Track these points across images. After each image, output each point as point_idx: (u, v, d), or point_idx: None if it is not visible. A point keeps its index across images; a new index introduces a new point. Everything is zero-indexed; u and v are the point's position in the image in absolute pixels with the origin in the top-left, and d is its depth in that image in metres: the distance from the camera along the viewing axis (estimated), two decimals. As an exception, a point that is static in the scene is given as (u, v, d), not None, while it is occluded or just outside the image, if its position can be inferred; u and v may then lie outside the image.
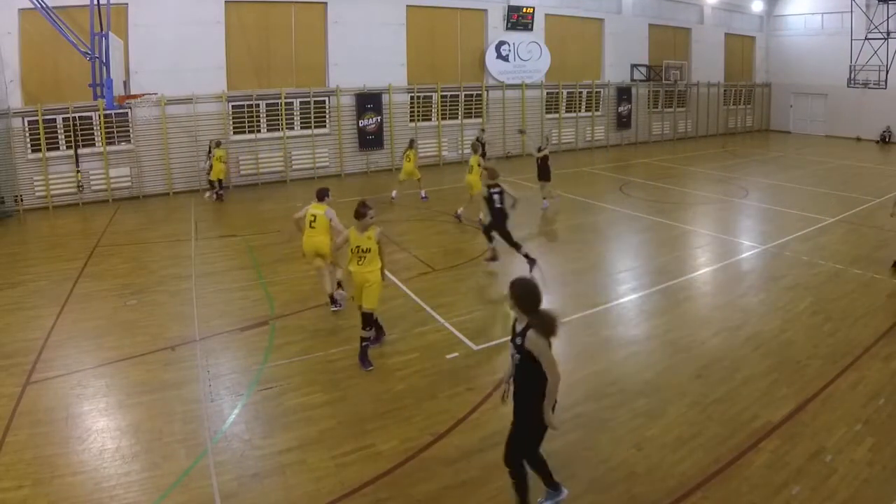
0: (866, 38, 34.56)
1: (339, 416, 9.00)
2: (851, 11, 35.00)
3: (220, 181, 24.39)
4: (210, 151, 24.93)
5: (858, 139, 41.11)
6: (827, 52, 41.94)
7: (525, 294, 6.40)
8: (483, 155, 23.65)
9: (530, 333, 6.25)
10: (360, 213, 10.26)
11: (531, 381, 6.41)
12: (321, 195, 12.83)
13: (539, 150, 21.58)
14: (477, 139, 24.45)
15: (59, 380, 10.20)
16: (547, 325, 6.24)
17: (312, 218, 12.69)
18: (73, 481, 7.58)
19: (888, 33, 34.03)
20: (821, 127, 44.10)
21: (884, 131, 39.96)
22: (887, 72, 34.35)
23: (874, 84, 35.43)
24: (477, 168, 19.07)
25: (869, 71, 35.40)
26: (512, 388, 6.73)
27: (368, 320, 10.43)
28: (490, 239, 14.99)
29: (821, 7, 43.39)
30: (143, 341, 11.60)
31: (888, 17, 34.02)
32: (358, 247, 10.23)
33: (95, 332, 12.21)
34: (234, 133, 27.56)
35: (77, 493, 7.37)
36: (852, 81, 36.36)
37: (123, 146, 25.37)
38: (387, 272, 10.88)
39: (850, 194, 23.48)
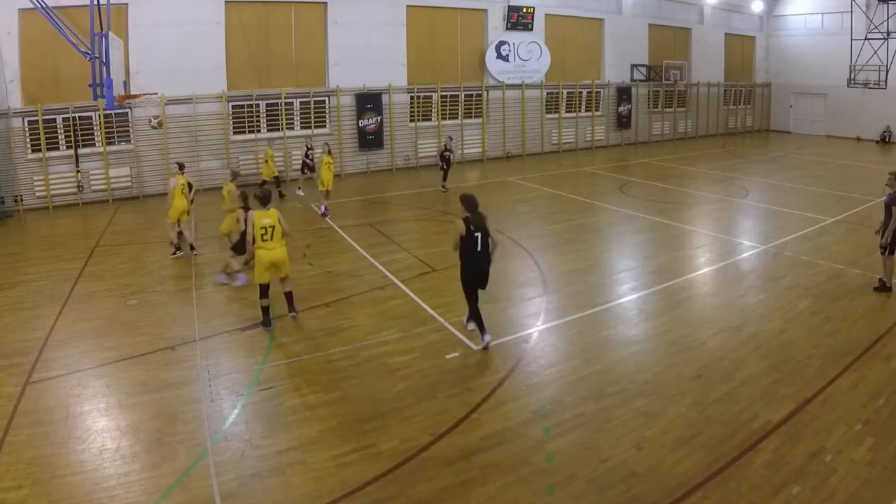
0: (866, 39, 34.62)
1: (338, 415, 9.03)
2: (851, 11, 35.06)
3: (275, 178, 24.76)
4: (310, 149, 25.71)
5: (858, 139, 41.13)
6: (827, 52, 42.03)
7: (469, 201, 10.76)
8: (448, 163, 25.62)
9: (488, 221, 10.92)
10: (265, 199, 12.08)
11: (489, 246, 10.83)
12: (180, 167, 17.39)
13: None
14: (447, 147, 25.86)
15: (60, 380, 10.24)
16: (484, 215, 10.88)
17: (183, 187, 16.71)
18: (73, 481, 7.60)
19: (888, 33, 34.07)
20: (821, 127, 44.15)
21: (884, 131, 39.98)
22: (887, 72, 34.40)
23: (874, 84, 35.51)
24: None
25: (869, 71, 35.48)
26: (474, 259, 10.83)
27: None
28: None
29: (821, 7, 43.50)
30: (143, 341, 11.64)
31: (888, 17, 34.07)
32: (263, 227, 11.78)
33: (95, 332, 12.24)
34: (235, 133, 27.67)
35: (77, 493, 7.39)
36: (852, 81, 36.42)
37: (123, 146, 25.46)
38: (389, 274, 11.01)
39: (849, 194, 23.51)
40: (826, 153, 36.26)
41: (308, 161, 25.62)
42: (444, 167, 25.62)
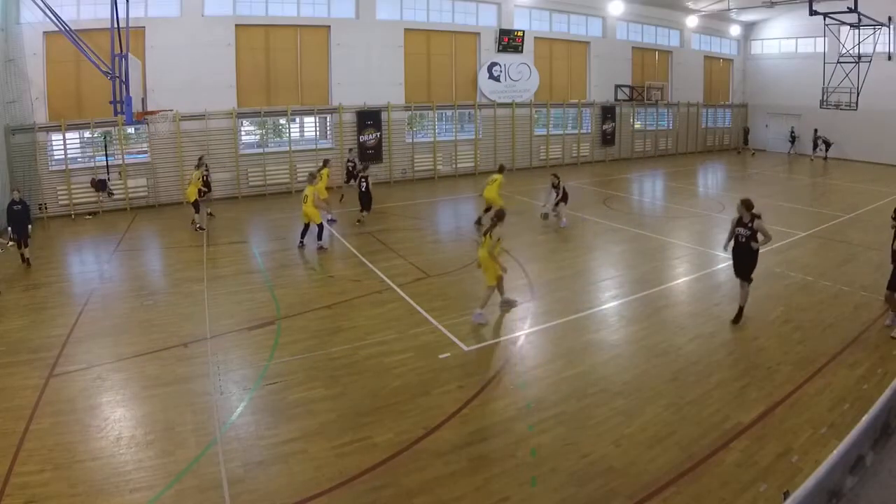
0: (838, 62, 34.58)
1: (338, 409, 9.13)
2: (825, 36, 35.05)
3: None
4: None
5: (825, 158, 41.10)
6: (801, 75, 42.16)
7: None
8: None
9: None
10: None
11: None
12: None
13: None
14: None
15: (80, 373, 10.33)
16: None
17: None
18: (92, 466, 7.71)
19: (859, 57, 34.11)
20: (795, 146, 44.15)
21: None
22: (858, 93, 34.42)
23: (846, 105, 35.48)
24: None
25: (841, 93, 35.50)
26: None
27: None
28: None
29: (795, 32, 43.74)
30: (158, 338, 11.75)
31: (859, 42, 34.13)
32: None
33: (114, 329, 12.35)
34: (244, 147, 27.90)
35: (95, 477, 7.50)
36: (825, 103, 36.38)
37: (141, 158, 25.61)
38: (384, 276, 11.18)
39: (821, 210, 23.58)
40: (799, 171, 36.42)
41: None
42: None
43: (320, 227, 18.15)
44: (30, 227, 16.86)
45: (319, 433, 8.49)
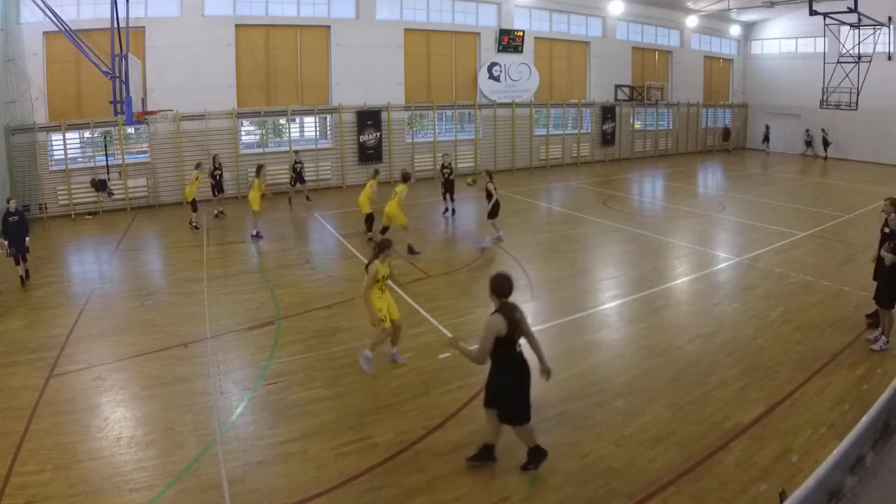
0: (838, 62, 34.60)
1: (338, 409, 9.12)
2: (825, 36, 35.08)
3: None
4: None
5: (826, 158, 41.18)
6: (801, 75, 42.21)
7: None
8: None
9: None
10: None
11: None
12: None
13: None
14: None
15: (80, 373, 10.33)
16: None
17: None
18: (92, 466, 7.71)
19: (858, 57, 34.12)
20: (795, 146, 44.20)
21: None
22: (858, 93, 34.42)
23: (846, 105, 35.48)
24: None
25: (841, 93, 35.51)
26: None
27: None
28: None
29: (795, 32, 43.75)
30: (159, 338, 11.75)
31: (859, 42, 34.14)
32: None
33: (114, 329, 12.35)
34: (244, 147, 27.93)
35: (95, 477, 7.49)
36: (825, 103, 36.39)
37: (141, 158, 25.63)
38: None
39: (821, 210, 23.57)
40: (799, 171, 36.42)
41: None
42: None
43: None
44: (27, 239, 15.08)
45: (319, 433, 8.48)
